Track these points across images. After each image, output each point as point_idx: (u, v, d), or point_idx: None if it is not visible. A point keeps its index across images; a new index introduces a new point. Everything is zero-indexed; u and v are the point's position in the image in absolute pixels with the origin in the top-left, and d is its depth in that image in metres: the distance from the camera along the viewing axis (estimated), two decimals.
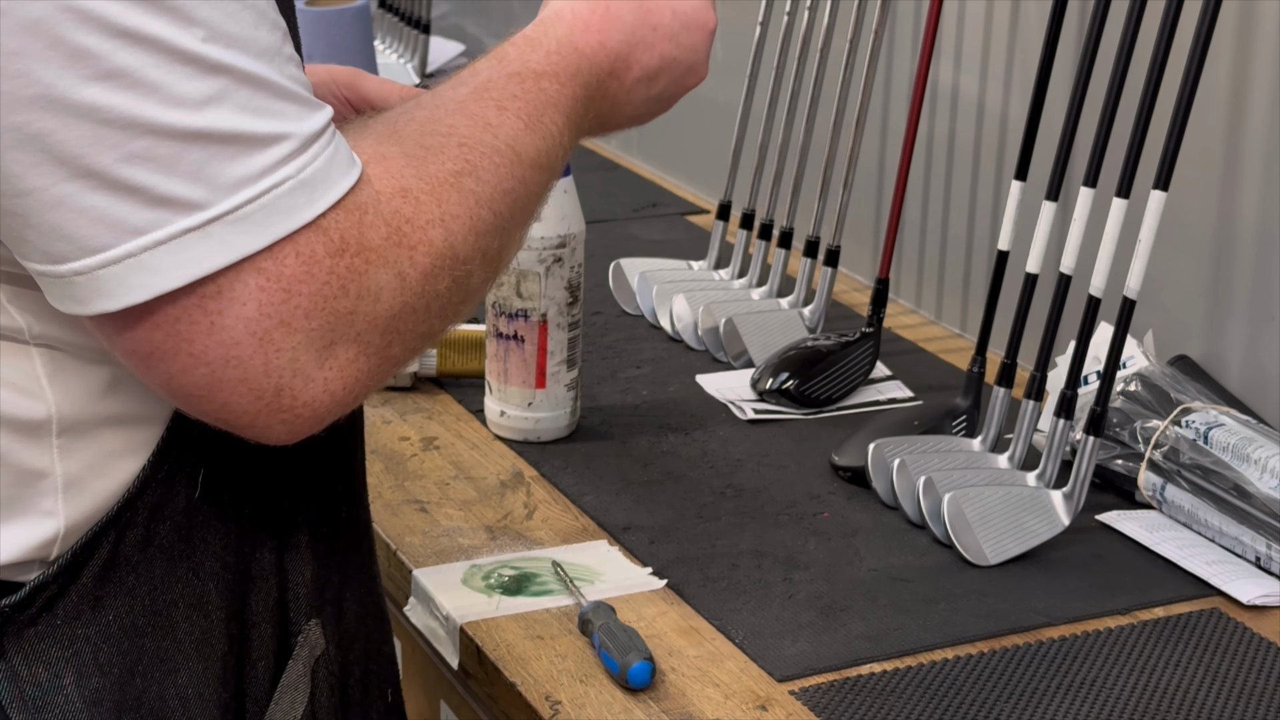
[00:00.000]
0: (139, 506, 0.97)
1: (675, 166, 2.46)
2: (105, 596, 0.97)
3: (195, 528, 0.99)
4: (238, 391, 0.88)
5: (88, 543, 0.96)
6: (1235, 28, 1.59)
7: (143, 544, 0.97)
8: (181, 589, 0.99)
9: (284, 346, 0.87)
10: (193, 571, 0.99)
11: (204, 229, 0.84)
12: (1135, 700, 1.27)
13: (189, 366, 0.87)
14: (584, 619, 1.32)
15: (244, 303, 0.86)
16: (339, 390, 0.90)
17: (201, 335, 0.86)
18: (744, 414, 1.70)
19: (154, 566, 0.98)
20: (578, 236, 1.60)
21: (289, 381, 0.88)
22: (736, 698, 1.26)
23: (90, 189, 0.83)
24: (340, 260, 0.88)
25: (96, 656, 0.97)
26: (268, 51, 0.87)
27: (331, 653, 1.08)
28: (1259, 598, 1.39)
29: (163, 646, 0.99)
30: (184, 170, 0.84)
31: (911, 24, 1.97)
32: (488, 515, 1.50)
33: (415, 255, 0.91)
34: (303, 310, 0.87)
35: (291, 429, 0.91)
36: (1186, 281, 1.68)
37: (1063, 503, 1.46)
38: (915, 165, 1.96)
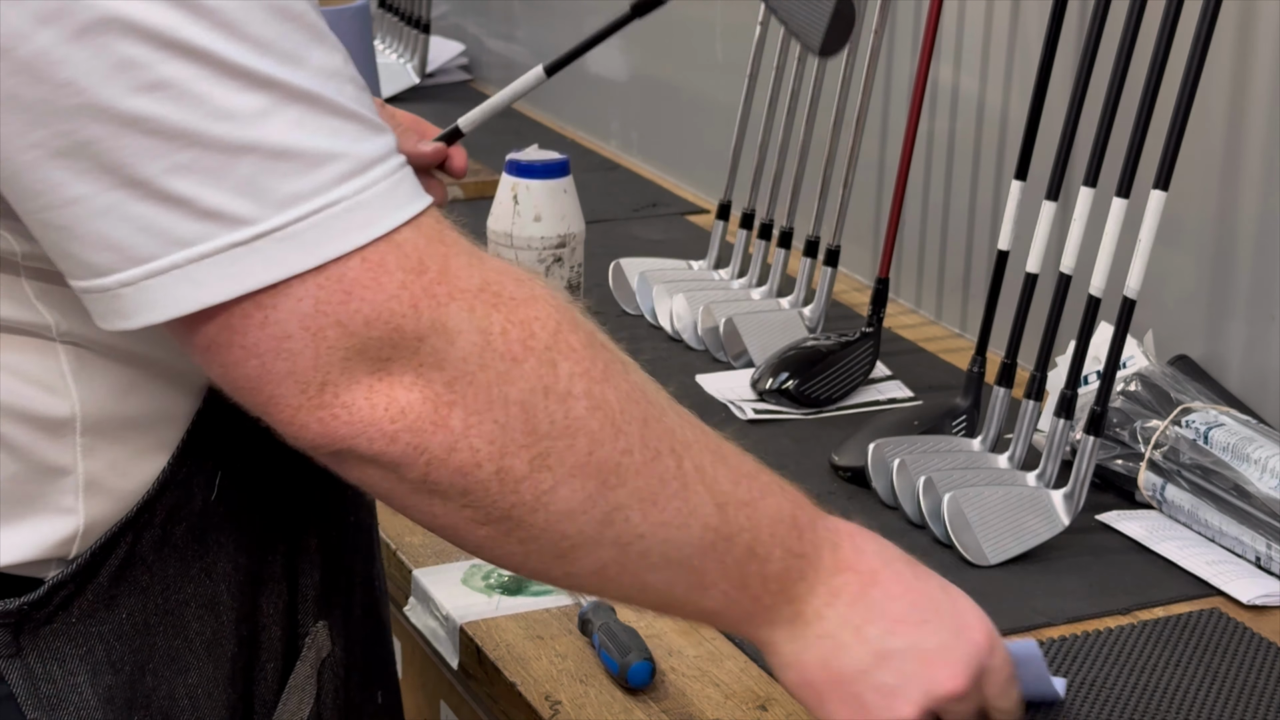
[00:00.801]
0: (157, 508, 0.97)
1: (675, 166, 2.46)
2: (120, 595, 0.97)
3: (210, 529, 0.99)
4: (285, 384, 0.86)
5: (106, 543, 0.96)
6: (1235, 28, 1.59)
7: (159, 544, 0.97)
8: (194, 589, 0.99)
9: (337, 345, 0.85)
10: (205, 572, 1.00)
11: (251, 244, 0.83)
12: (1135, 700, 1.27)
13: (241, 359, 0.86)
14: (584, 619, 1.32)
15: (300, 299, 0.84)
16: (380, 405, 0.87)
17: (254, 328, 0.85)
18: (744, 414, 1.70)
19: (168, 566, 0.98)
20: (578, 236, 1.60)
21: (336, 378, 0.86)
22: (736, 698, 1.26)
23: (137, 199, 0.83)
24: (418, 279, 0.86)
25: (109, 654, 0.97)
26: (324, 70, 0.85)
27: (338, 654, 1.08)
28: (1259, 598, 1.39)
29: (174, 645, 0.99)
30: (232, 183, 0.83)
31: (911, 24, 1.97)
32: None
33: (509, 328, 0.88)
34: (363, 317, 0.85)
35: (325, 429, 0.87)
36: (1186, 281, 1.68)
37: (1063, 503, 1.46)
38: (915, 165, 1.96)
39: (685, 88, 2.44)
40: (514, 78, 1.31)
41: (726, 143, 1.98)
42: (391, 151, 0.87)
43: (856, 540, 1.04)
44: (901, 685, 1.01)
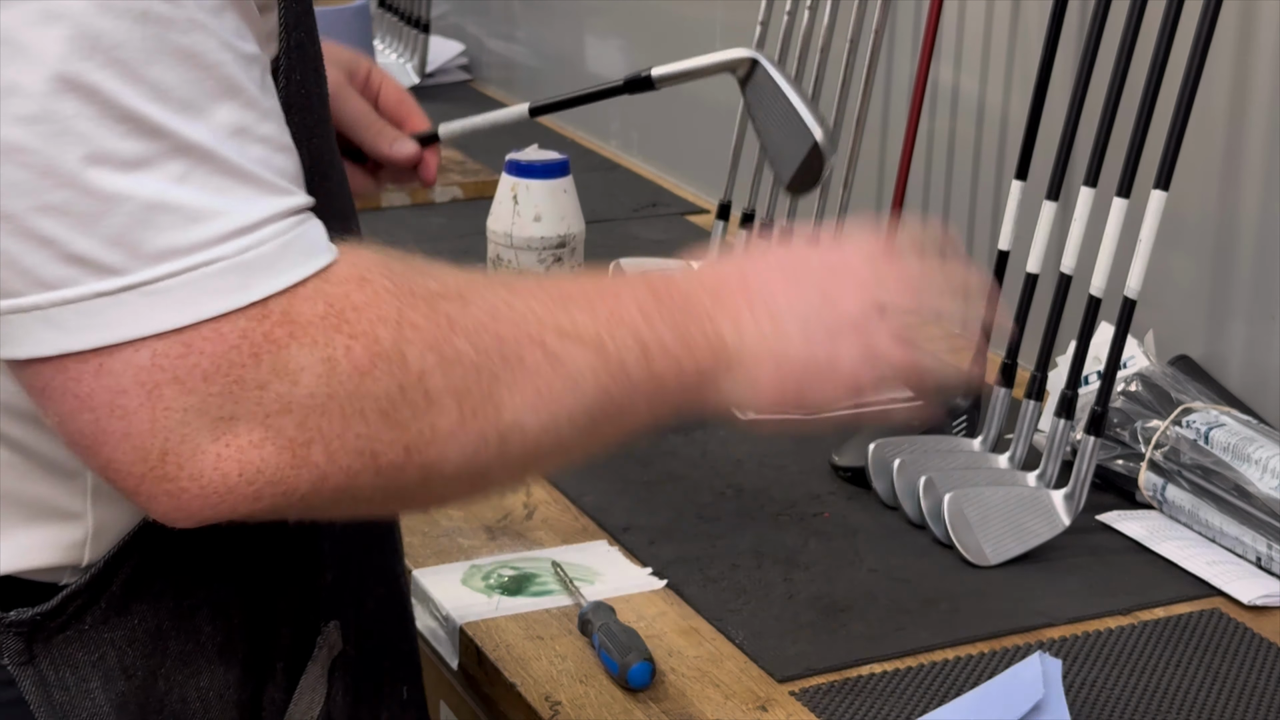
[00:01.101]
0: None
1: (675, 166, 2.46)
2: (133, 602, 0.96)
3: (220, 532, 0.97)
4: (121, 447, 0.83)
5: (120, 551, 0.95)
6: (1235, 28, 1.59)
7: (172, 550, 0.97)
8: (205, 593, 0.99)
9: (174, 406, 0.82)
10: (217, 576, 0.99)
11: (117, 296, 0.81)
12: (1135, 700, 1.27)
13: (75, 410, 0.83)
14: (584, 619, 1.32)
15: (136, 349, 0.81)
16: (232, 473, 0.84)
17: (89, 377, 0.82)
18: (744, 414, 1.70)
19: (180, 572, 0.98)
20: (578, 236, 1.59)
21: (176, 447, 0.82)
22: (736, 698, 1.26)
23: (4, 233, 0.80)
24: (258, 326, 0.83)
25: (122, 660, 0.96)
26: (226, 127, 0.82)
27: (350, 653, 1.08)
28: (1259, 598, 1.39)
29: (186, 649, 0.99)
30: (102, 231, 0.80)
31: (911, 24, 1.97)
32: (487, 515, 1.50)
33: (352, 345, 0.85)
34: (201, 371, 0.82)
35: (177, 504, 0.84)
36: (1186, 281, 1.68)
37: (1063, 503, 1.46)
38: (915, 165, 1.96)
39: (685, 88, 2.43)
40: (514, 78, 1.32)
41: (726, 143, 1.98)
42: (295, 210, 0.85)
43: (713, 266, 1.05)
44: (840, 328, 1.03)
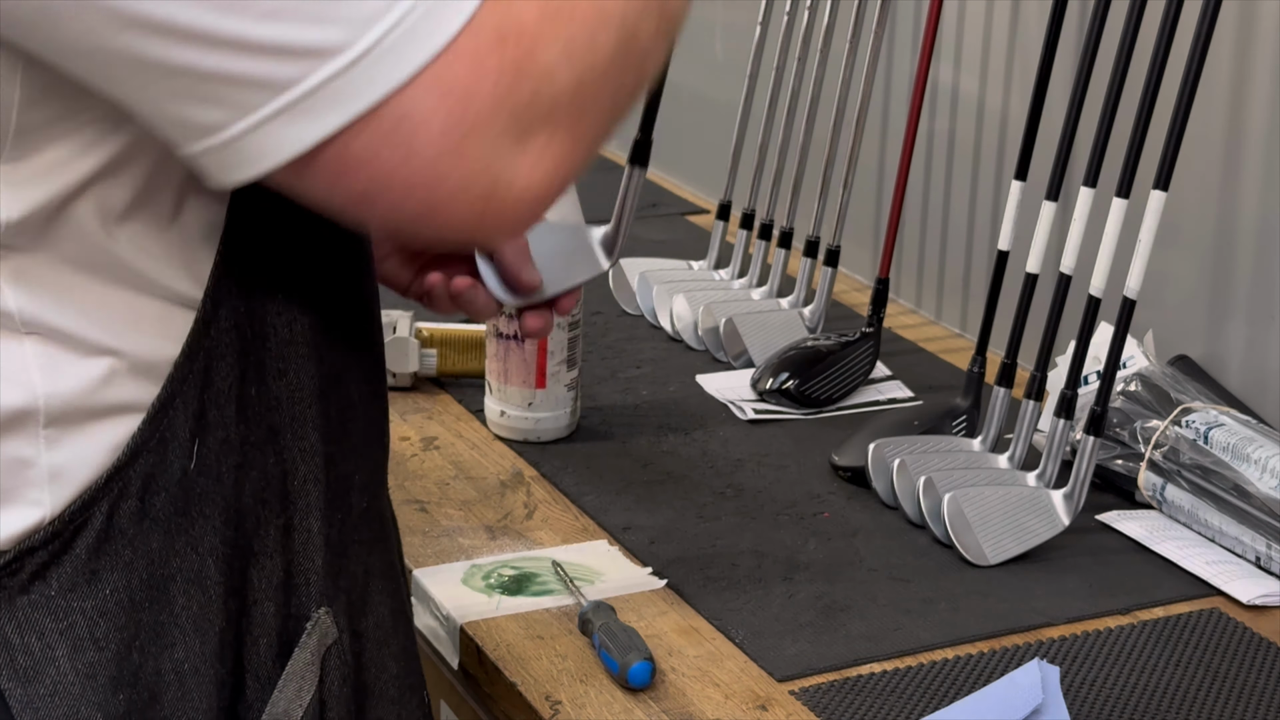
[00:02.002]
0: (131, 475, 0.96)
1: (675, 166, 2.46)
2: (101, 570, 0.96)
3: (193, 501, 0.98)
4: (454, 207, 0.88)
5: (78, 509, 0.95)
6: (1235, 28, 1.59)
7: (138, 517, 0.96)
8: (179, 563, 0.98)
9: (482, 150, 0.87)
10: (191, 546, 0.99)
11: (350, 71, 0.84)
12: (1135, 700, 1.27)
13: (401, 199, 0.87)
14: (584, 619, 1.32)
15: (428, 122, 0.86)
16: (549, 171, 0.89)
17: (400, 166, 0.86)
18: (744, 414, 1.70)
19: (150, 540, 0.97)
20: None
21: (498, 178, 0.88)
22: (736, 698, 1.26)
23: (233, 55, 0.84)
24: (505, 51, 0.87)
25: (92, 630, 0.96)
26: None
27: (345, 642, 1.07)
28: (1259, 598, 1.39)
29: (160, 621, 0.98)
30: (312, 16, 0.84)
31: (911, 24, 1.97)
32: (488, 515, 1.50)
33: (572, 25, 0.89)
34: (487, 111, 0.86)
35: (517, 219, 0.90)
36: (1186, 281, 1.68)
37: (1063, 503, 1.46)
38: (915, 165, 1.96)
39: (685, 88, 2.44)
40: None
41: (726, 143, 1.98)
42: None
43: None
44: None
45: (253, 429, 0.99)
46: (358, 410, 1.06)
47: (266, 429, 1.00)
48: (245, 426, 0.99)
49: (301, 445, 1.02)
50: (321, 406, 1.02)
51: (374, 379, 1.09)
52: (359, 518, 1.08)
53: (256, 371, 0.99)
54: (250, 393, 0.99)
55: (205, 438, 0.98)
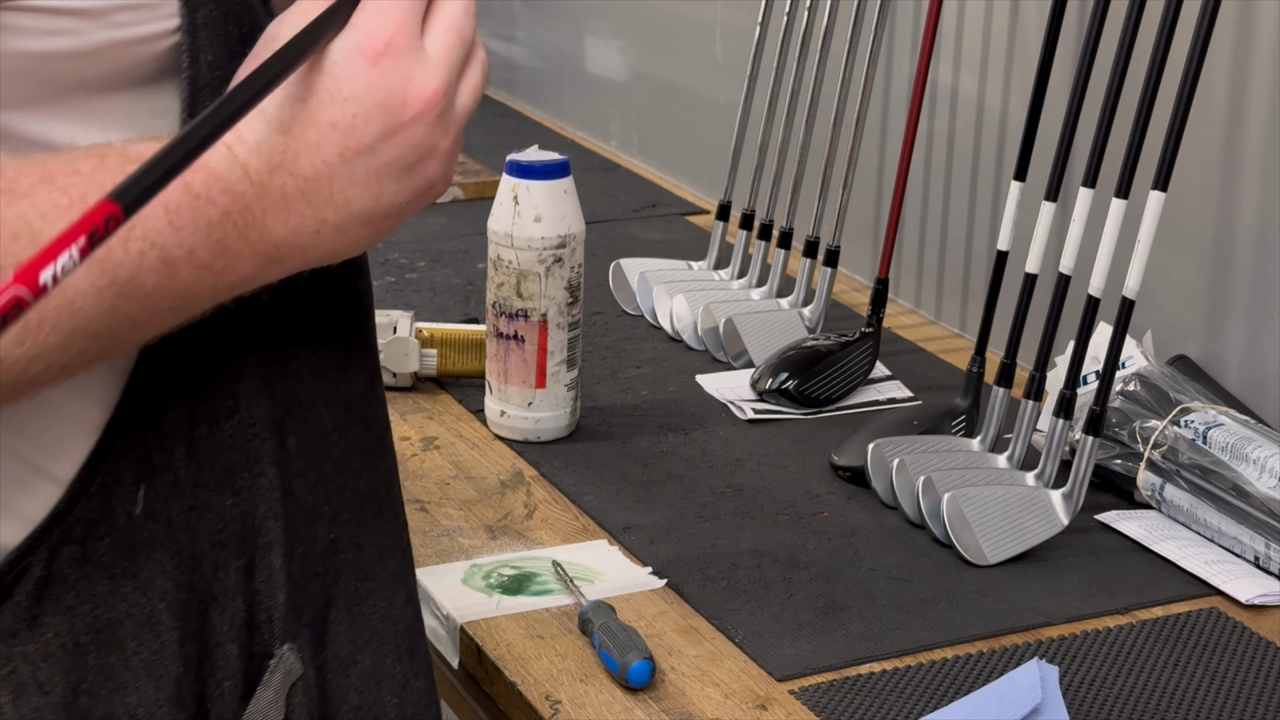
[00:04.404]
0: (70, 522, 0.92)
1: (675, 166, 2.46)
2: (43, 615, 0.92)
3: (140, 546, 0.94)
4: None
5: (14, 560, 0.91)
6: (1235, 28, 1.59)
7: (79, 561, 0.92)
8: (128, 607, 0.94)
9: None
10: (140, 590, 0.95)
11: None
12: (1135, 700, 1.27)
13: None
14: (584, 619, 1.32)
15: None
16: None
17: None
18: (744, 414, 1.70)
19: (95, 584, 0.93)
20: (578, 236, 1.60)
21: None
22: (736, 697, 1.26)
23: None
24: None
25: (36, 675, 0.92)
26: None
27: (311, 677, 1.03)
28: (1258, 597, 1.39)
29: (109, 664, 0.94)
30: None
31: (911, 24, 1.97)
32: (488, 515, 1.50)
33: None
34: None
35: None
36: (1186, 281, 1.68)
37: (1062, 502, 1.46)
38: (915, 165, 1.96)
39: (685, 88, 2.44)
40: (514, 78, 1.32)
41: (726, 143, 1.98)
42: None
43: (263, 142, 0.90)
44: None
45: (205, 470, 0.95)
46: (332, 439, 1.02)
47: (221, 469, 0.96)
48: (197, 468, 0.95)
49: (259, 482, 0.98)
50: (277, 440, 0.98)
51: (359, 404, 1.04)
52: (325, 549, 1.03)
53: (207, 411, 0.95)
54: (201, 433, 0.95)
55: (153, 481, 0.94)
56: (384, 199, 0.91)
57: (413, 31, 0.90)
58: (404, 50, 0.89)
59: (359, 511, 1.06)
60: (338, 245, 0.91)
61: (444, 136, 0.91)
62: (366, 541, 1.07)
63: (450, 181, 0.93)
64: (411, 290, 2.00)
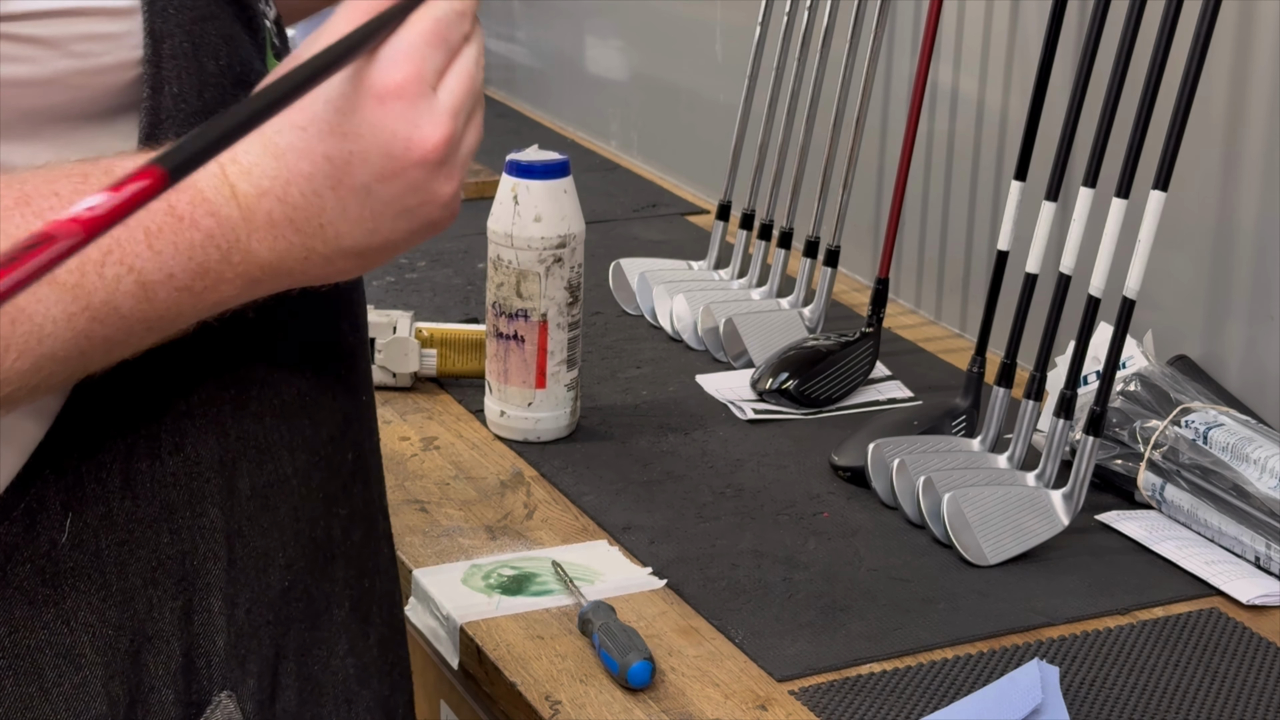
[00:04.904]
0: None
1: (675, 166, 2.46)
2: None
3: (64, 575, 0.91)
4: None
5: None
6: (1235, 28, 1.59)
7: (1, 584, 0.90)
8: (48, 635, 0.92)
9: None
10: (62, 620, 0.92)
11: None
12: (1135, 700, 1.27)
13: None
14: (584, 619, 1.32)
15: None
16: None
17: None
18: (744, 414, 1.70)
19: (13, 607, 0.91)
20: (578, 236, 1.60)
21: None
22: (736, 698, 1.26)
23: None
24: None
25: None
26: None
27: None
28: (1258, 598, 1.39)
29: (28, 693, 0.92)
30: None
31: (911, 24, 1.97)
32: (488, 515, 1.50)
33: None
34: None
35: None
36: (1186, 281, 1.68)
37: (1062, 503, 1.46)
38: (915, 165, 1.96)
39: (685, 88, 2.44)
40: (514, 78, 1.31)
41: (726, 143, 1.98)
42: None
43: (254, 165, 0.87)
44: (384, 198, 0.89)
45: (142, 505, 0.93)
46: (291, 485, 0.99)
47: (160, 505, 0.93)
48: (133, 502, 0.92)
49: (200, 523, 0.95)
50: (225, 481, 0.95)
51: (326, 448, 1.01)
52: (278, 597, 1.00)
53: (149, 445, 0.92)
54: (140, 467, 0.92)
55: (82, 511, 0.91)
56: (377, 236, 0.89)
57: (427, 79, 0.88)
58: (415, 96, 0.87)
59: (313, 559, 1.03)
60: (326, 272, 0.90)
61: (447, 182, 0.89)
62: (317, 590, 1.03)
63: (453, 220, 0.91)
64: (411, 290, 2.00)
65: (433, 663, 1.47)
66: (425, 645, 1.41)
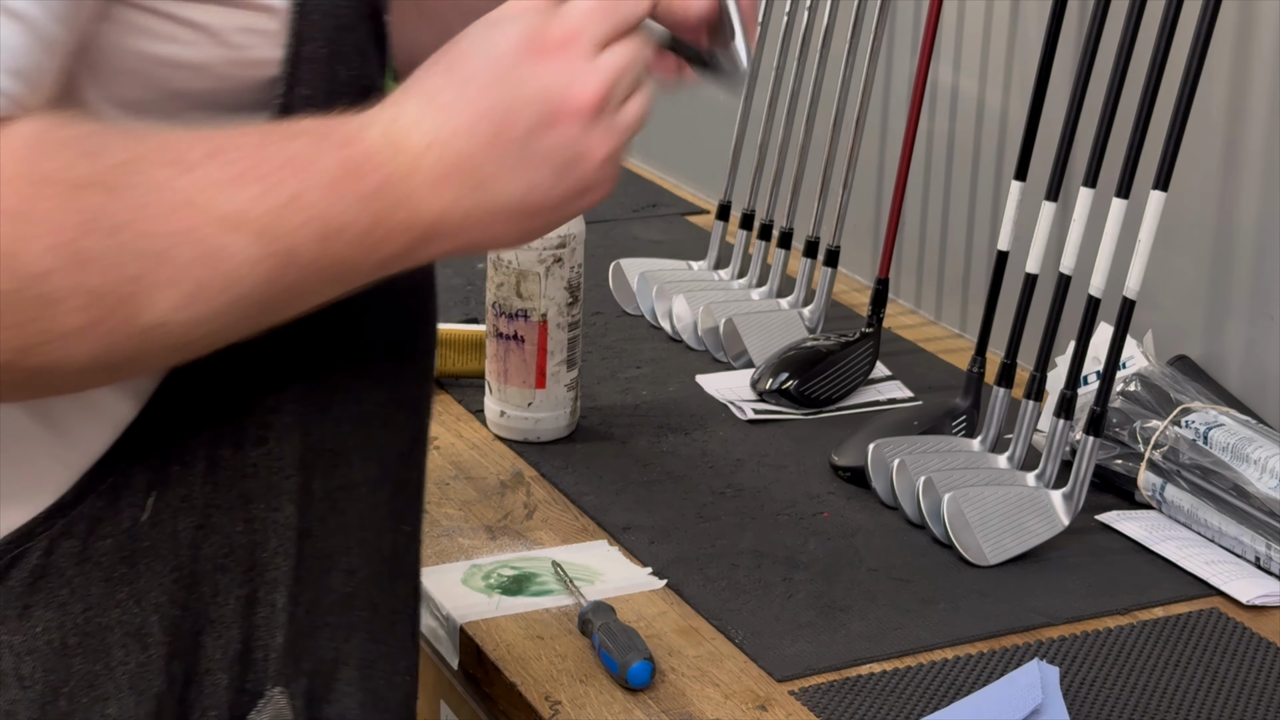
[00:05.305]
0: (75, 515, 0.92)
1: (675, 166, 2.46)
2: (34, 606, 0.92)
3: (141, 554, 0.94)
4: None
5: (14, 541, 0.91)
6: (1235, 28, 1.59)
7: (79, 558, 0.92)
8: (120, 614, 0.94)
9: None
10: (134, 599, 0.94)
11: None
12: (1135, 700, 1.27)
13: None
14: (584, 619, 1.32)
15: None
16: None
17: None
18: (744, 414, 1.70)
19: (90, 585, 0.93)
20: (578, 236, 1.60)
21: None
22: (736, 698, 1.26)
23: None
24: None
25: (18, 668, 0.92)
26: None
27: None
28: (1258, 598, 1.39)
29: (94, 671, 0.94)
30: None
31: (911, 24, 1.97)
32: (488, 515, 1.50)
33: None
34: None
35: None
36: (1186, 281, 1.68)
37: (1062, 503, 1.46)
38: (915, 165, 1.96)
39: None
40: None
41: (726, 143, 1.98)
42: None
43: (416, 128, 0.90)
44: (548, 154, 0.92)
45: (221, 492, 0.95)
46: (360, 492, 1.01)
47: (237, 495, 0.95)
48: (213, 488, 0.95)
49: (274, 517, 0.97)
50: (302, 480, 0.98)
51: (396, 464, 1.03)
52: (339, 602, 1.02)
53: (234, 434, 0.95)
54: (224, 455, 0.95)
55: (164, 492, 0.94)
56: (534, 194, 0.91)
57: (593, 39, 0.91)
58: (576, 54, 0.91)
59: (378, 571, 1.04)
60: (486, 234, 0.92)
61: (603, 142, 0.92)
62: (382, 603, 1.05)
63: (609, 191, 0.94)
64: None
65: (432, 663, 1.47)
66: (425, 645, 1.41)
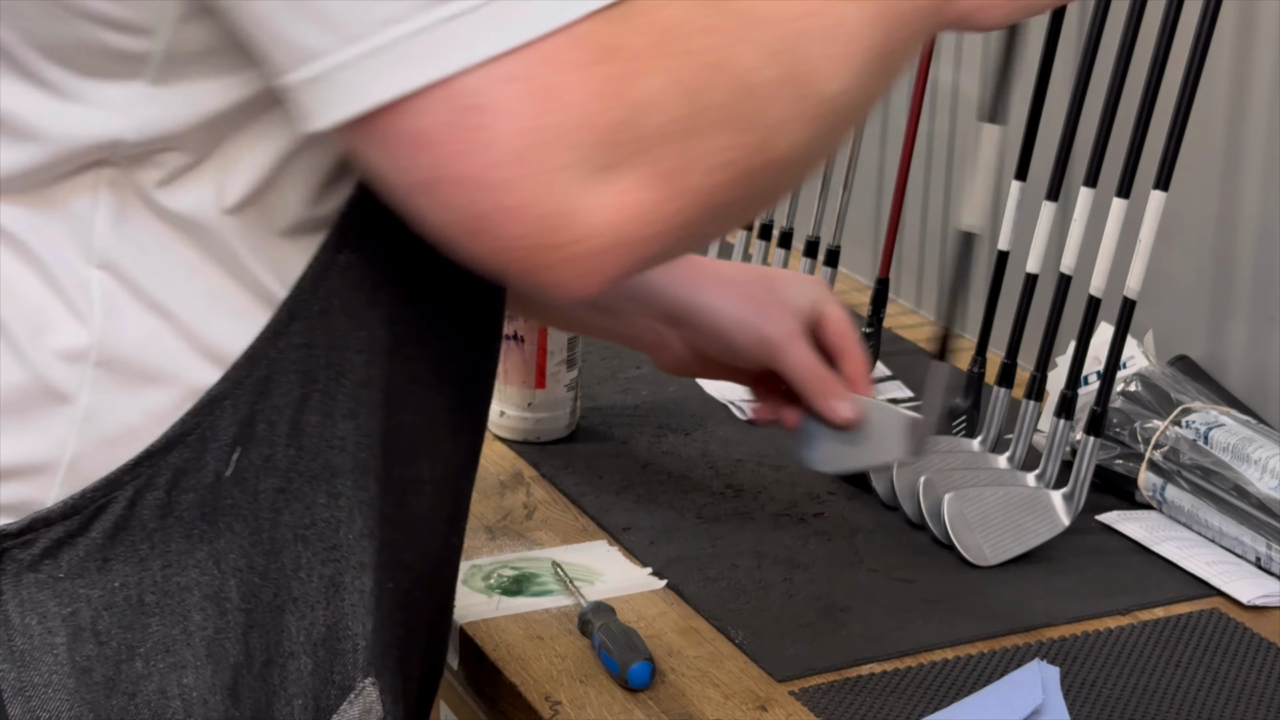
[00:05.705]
0: (161, 465, 0.91)
1: None
2: (114, 559, 0.91)
3: (222, 511, 0.93)
4: (509, 224, 0.80)
5: (98, 488, 0.91)
6: (1235, 28, 1.59)
7: (161, 511, 0.92)
8: (199, 574, 0.93)
9: (555, 165, 0.80)
10: (214, 560, 0.93)
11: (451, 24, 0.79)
12: (1135, 700, 1.27)
13: (456, 196, 0.81)
14: (584, 619, 1.32)
15: (505, 115, 0.79)
16: (628, 219, 0.81)
17: (464, 155, 0.80)
18: (744, 414, 1.70)
19: (170, 540, 0.92)
20: None
21: (565, 205, 0.80)
22: (736, 698, 1.26)
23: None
24: (605, 68, 0.80)
25: (95, 623, 0.91)
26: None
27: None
28: (1259, 598, 1.39)
29: (171, 635, 0.92)
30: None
31: None
32: (488, 515, 1.50)
33: (685, 63, 0.82)
34: (571, 124, 0.79)
35: (578, 264, 0.82)
36: (1186, 281, 1.68)
37: (1063, 503, 1.46)
38: (915, 165, 1.96)
39: None
40: None
41: None
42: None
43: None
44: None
45: (306, 459, 0.94)
46: (426, 491, 1.01)
47: (323, 465, 0.94)
48: (298, 453, 0.94)
49: (362, 496, 0.96)
50: (386, 463, 0.97)
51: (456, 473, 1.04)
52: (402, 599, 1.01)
53: (323, 402, 0.94)
54: (311, 420, 0.94)
55: (248, 449, 0.93)
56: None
57: None
58: None
59: (431, 574, 1.05)
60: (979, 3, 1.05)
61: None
62: (422, 605, 1.05)
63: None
64: None
65: None
66: None
